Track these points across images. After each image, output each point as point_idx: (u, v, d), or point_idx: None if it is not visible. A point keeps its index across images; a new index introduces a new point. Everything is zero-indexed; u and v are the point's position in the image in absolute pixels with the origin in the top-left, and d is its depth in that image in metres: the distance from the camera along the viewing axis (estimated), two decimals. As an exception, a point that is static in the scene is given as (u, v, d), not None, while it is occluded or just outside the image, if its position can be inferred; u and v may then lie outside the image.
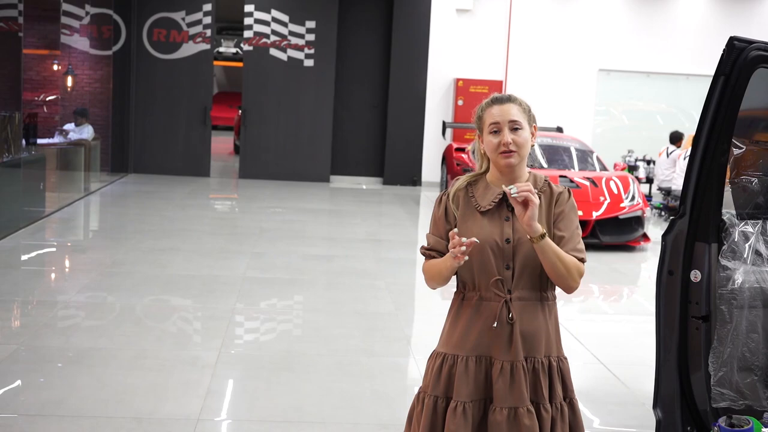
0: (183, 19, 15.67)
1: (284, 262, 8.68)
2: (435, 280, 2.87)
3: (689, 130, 14.28)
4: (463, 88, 15.96)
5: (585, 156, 11.91)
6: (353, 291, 7.66)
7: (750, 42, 3.18)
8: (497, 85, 16.05)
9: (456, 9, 16.18)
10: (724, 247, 3.24)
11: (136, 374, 5.13)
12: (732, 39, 3.18)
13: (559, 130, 13.88)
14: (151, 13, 15.60)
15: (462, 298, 2.86)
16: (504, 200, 2.82)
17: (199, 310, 6.83)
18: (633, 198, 10.66)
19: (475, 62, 16.29)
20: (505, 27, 16.34)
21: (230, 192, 15.07)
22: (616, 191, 10.68)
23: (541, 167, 11.39)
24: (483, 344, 2.78)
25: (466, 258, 2.65)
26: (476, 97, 15.01)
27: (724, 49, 3.18)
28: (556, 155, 11.78)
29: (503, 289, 2.76)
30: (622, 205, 10.51)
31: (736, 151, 3.30)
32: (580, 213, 10.61)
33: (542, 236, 2.65)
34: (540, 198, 2.81)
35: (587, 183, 10.77)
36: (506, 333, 2.75)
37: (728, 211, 3.34)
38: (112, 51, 15.18)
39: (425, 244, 2.93)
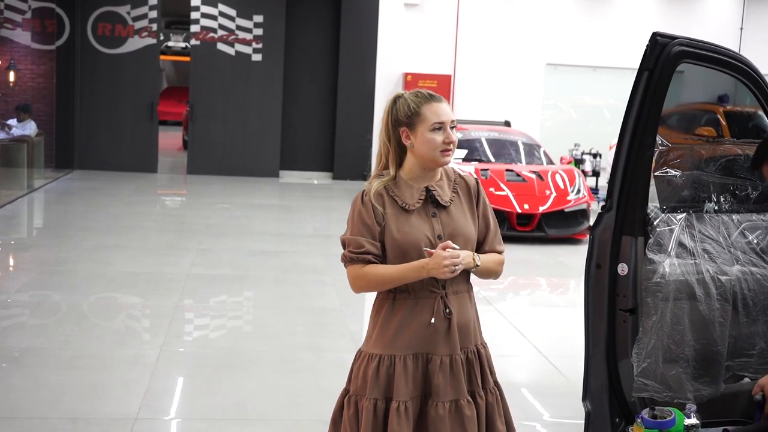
0: (128, 13, 15.44)
1: (231, 259, 8.63)
2: (381, 287, 2.81)
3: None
4: (412, 83, 15.96)
5: (531, 150, 12.00)
6: (300, 287, 7.64)
7: (673, 38, 3.22)
8: (446, 79, 16.10)
9: (404, 3, 16.18)
10: (650, 241, 3.28)
11: (74, 374, 5.06)
12: (655, 35, 3.21)
13: (507, 124, 13.96)
14: (96, 6, 15.35)
15: (393, 298, 2.82)
16: (428, 197, 2.83)
17: (144, 307, 6.76)
18: (578, 191, 10.78)
19: (423, 57, 16.31)
20: (453, 21, 16.38)
21: (178, 188, 14.93)
22: (562, 185, 10.79)
23: (489, 161, 11.45)
24: (419, 342, 2.78)
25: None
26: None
27: (647, 45, 3.21)
28: (503, 149, 11.85)
29: (438, 285, 2.77)
30: (568, 198, 10.62)
31: (661, 146, 3.34)
32: (526, 207, 10.63)
33: (476, 266, 2.77)
34: (456, 190, 2.87)
35: (534, 177, 10.86)
36: (444, 327, 2.77)
37: (653, 204, 3.39)
38: (55, 45, 14.92)
39: (351, 248, 2.81)
